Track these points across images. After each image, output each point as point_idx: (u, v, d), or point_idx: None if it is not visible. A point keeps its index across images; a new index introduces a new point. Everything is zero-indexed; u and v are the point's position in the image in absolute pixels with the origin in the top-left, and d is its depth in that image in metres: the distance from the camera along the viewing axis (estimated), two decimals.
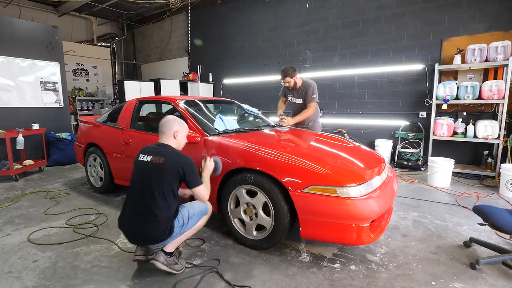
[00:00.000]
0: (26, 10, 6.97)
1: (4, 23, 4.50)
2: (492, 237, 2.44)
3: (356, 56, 5.22)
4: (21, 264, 2.05)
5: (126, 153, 3.13)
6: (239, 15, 6.65)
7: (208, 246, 2.29)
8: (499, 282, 1.84)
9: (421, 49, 4.64)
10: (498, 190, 3.63)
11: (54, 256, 2.15)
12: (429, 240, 2.38)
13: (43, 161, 4.73)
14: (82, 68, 8.36)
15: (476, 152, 4.46)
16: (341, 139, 2.96)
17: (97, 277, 1.90)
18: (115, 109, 3.63)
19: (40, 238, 2.44)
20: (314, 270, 1.97)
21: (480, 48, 3.98)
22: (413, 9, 4.63)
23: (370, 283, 1.83)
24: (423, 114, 4.71)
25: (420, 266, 2.02)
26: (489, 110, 4.25)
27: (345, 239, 1.92)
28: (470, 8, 4.23)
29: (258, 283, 1.84)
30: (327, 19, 5.44)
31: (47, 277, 1.90)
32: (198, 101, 3.16)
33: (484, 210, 2.06)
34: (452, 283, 1.83)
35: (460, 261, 2.07)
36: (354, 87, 5.32)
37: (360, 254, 2.18)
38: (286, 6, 5.90)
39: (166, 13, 7.91)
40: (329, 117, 5.62)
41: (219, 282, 1.83)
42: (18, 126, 4.44)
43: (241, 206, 2.23)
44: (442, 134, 4.31)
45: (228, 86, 7.08)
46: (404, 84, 4.85)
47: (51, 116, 5.07)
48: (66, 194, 3.57)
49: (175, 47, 8.25)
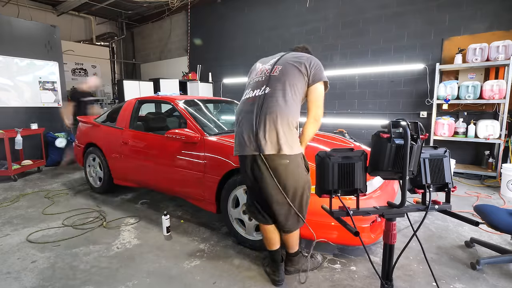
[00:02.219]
0: (25, 9, 6.94)
1: (2, 22, 4.47)
2: (493, 237, 2.43)
3: (356, 56, 5.20)
4: (19, 265, 2.03)
5: (125, 153, 3.11)
6: (239, 14, 6.63)
7: (208, 247, 2.28)
8: (500, 283, 1.82)
9: (422, 48, 4.62)
10: (499, 190, 3.62)
11: (53, 256, 2.14)
12: (430, 241, 2.37)
13: (41, 161, 4.71)
14: (81, 67, 8.33)
15: (477, 152, 4.45)
16: (341, 139, 2.95)
17: (96, 278, 1.88)
18: (114, 109, 3.61)
19: (39, 238, 2.42)
20: (314, 271, 1.96)
21: (481, 47, 3.96)
22: (413, 9, 4.62)
23: (371, 283, 1.82)
24: (424, 114, 4.70)
25: (421, 266, 2.00)
26: (490, 110, 4.24)
27: (346, 240, 1.91)
28: (471, 8, 4.22)
29: (258, 283, 1.82)
30: (328, 18, 5.42)
31: (46, 278, 1.88)
32: (197, 101, 3.15)
33: (483, 209, 2.05)
34: (453, 284, 1.82)
35: (461, 262, 2.06)
36: (354, 86, 5.31)
37: (361, 254, 2.17)
38: (286, 5, 5.88)
39: (166, 13, 7.88)
40: (330, 116, 5.60)
41: (219, 283, 1.83)
42: (17, 126, 4.43)
43: (240, 206, 2.22)
44: (443, 134, 4.30)
45: (228, 85, 7.06)
46: (404, 83, 4.84)
47: (50, 116, 5.05)
48: (65, 194, 3.55)
49: (175, 47, 8.22)
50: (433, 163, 1.30)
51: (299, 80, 1.60)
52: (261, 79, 1.66)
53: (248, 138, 1.58)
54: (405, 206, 1.27)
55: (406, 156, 1.16)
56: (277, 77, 1.61)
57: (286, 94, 1.57)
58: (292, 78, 1.59)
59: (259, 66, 1.79)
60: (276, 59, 1.71)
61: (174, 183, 2.72)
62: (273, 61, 1.71)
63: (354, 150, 1.29)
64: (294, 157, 1.58)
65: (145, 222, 2.75)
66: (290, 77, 1.59)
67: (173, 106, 2.91)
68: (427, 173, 1.29)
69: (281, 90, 1.57)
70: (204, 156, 2.43)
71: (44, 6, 7.65)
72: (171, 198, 3.35)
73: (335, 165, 1.24)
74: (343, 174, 1.25)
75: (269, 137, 1.53)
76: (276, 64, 1.65)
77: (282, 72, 1.61)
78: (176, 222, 2.75)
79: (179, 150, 2.60)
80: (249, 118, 1.60)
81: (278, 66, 1.64)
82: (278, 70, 1.62)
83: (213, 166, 2.37)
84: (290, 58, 1.68)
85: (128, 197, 3.43)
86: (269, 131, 1.54)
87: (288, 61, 1.65)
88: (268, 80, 1.62)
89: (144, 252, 2.21)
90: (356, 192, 1.28)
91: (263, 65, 1.76)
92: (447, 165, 1.31)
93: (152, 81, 6.45)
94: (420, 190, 1.31)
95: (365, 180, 1.29)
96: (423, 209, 1.30)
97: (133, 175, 3.11)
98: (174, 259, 2.11)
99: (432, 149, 1.33)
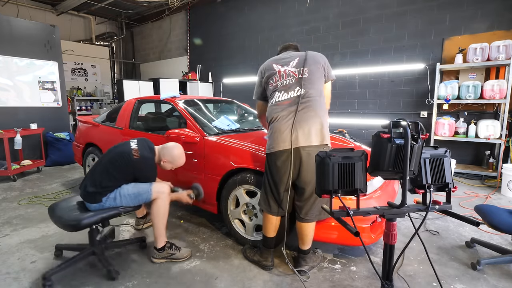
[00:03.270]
0: (24, 9, 6.94)
1: (2, 22, 4.47)
2: (494, 238, 2.42)
3: (356, 56, 5.20)
4: (19, 265, 2.03)
5: None
6: (238, 14, 6.62)
7: (207, 247, 2.27)
8: (501, 283, 1.82)
9: (422, 48, 4.61)
10: (500, 190, 3.61)
11: (53, 257, 2.13)
12: (430, 241, 2.36)
13: (41, 161, 4.70)
14: (80, 67, 8.33)
15: (478, 152, 4.44)
16: (341, 139, 2.94)
17: (95, 279, 1.88)
18: (114, 109, 3.61)
19: (38, 239, 2.41)
20: (314, 271, 1.95)
21: (481, 47, 3.95)
22: (414, 8, 4.61)
23: (371, 284, 1.82)
24: (424, 114, 4.69)
25: (422, 267, 2.00)
26: (490, 110, 4.23)
27: (346, 240, 1.91)
28: (472, 7, 4.21)
29: (259, 283, 1.82)
30: (328, 18, 5.42)
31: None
32: (197, 101, 3.14)
33: (483, 209, 2.05)
34: (454, 284, 1.81)
35: (462, 262, 2.05)
36: (354, 86, 5.30)
37: (361, 254, 2.16)
38: (287, 5, 5.87)
39: (165, 12, 7.88)
40: (330, 116, 5.57)
41: (219, 283, 1.82)
42: (16, 126, 4.42)
43: (240, 206, 2.21)
44: (444, 134, 4.30)
45: (228, 85, 7.06)
46: (405, 83, 4.83)
47: (49, 115, 5.04)
48: (68, 193, 3.55)
49: (175, 46, 8.22)
50: (433, 163, 1.29)
51: (322, 79, 1.86)
52: (292, 81, 1.84)
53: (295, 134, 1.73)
54: (405, 206, 1.26)
55: (406, 156, 1.15)
56: (308, 79, 1.81)
57: (318, 92, 1.81)
58: (319, 78, 1.85)
59: (277, 68, 1.89)
60: (298, 62, 1.86)
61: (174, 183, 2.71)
62: (295, 63, 1.87)
63: (355, 150, 1.28)
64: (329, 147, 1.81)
65: None
66: (317, 77, 1.84)
67: (173, 106, 2.90)
68: (427, 173, 1.28)
69: (314, 90, 1.80)
70: (204, 156, 2.42)
71: (43, 6, 7.65)
72: None
73: (335, 165, 1.24)
74: (343, 174, 1.25)
75: (315, 130, 1.75)
76: (304, 67, 1.84)
77: (310, 75, 1.82)
78: (176, 222, 2.74)
79: None
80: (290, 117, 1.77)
81: (305, 68, 1.84)
82: (306, 72, 1.83)
83: (213, 166, 2.36)
84: (311, 59, 1.87)
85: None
86: (314, 126, 1.74)
87: (312, 63, 1.85)
88: (300, 81, 1.81)
89: (143, 252, 2.20)
90: (357, 192, 1.27)
91: (283, 67, 1.88)
92: (447, 165, 1.30)
93: (152, 81, 6.44)
94: (420, 190, 1.30)
95: (366, 180, 1.28)
96: (423, 209, 1.29)
97: None
98: None
99: (433, 149, 1.32)
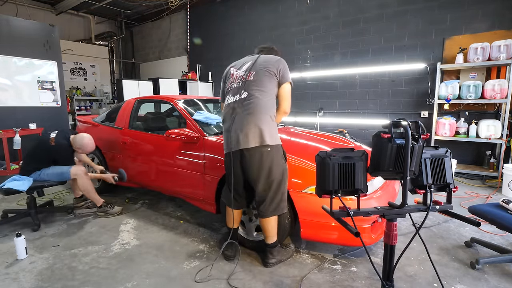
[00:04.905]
0: (23, 8, 6.92)
1: (1, 22, 4.45)
2: (495, 238, 2.41)
3: (357, 55, 5.18)
4: (18, 266, 2.02)
5: (124, 153, 3.10)
6: (238, 14, 6.61)
7: (207, 247, 2.27)
8: (502, 284, 1.81)
9: (423, 48, 4.60)
10: (501, 190, 3.60)
11: (52, 257, 2.13)
12: (431, 241, 2.35)
13: None
14: (80, 67, 8.31)
15: (479, 152, 4.43)
16: (342, 139, 2.94)
17: (95, 279, 1.87)
18: (113, 109, 3.60)
19: (37, 239, 2.41)
20: (315, 272, 1.94)
21: (482, 47, 3.94)
22: (414, 8, 4.60)
23: (372, 284, 1.81)
24: (425, 114, 4.68)
25: (422, 267, 1.99)
26: (491, 110, 4.22)
27: (346, 240, 1.90)
28: (473, 7, 4.20)
29: (259, 283, 1.81)
30: (328, 17, 5.40)
31: (44, 279, 1.87)
32: (197, 101, 3.13)
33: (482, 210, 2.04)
34: (454, 285, 1.80)
35: (463, 262, 2.04)
36: (355, 86, 5.29)
37: (361, 255, 2.15)
38: (287, 4, 5.86)
39: (165, 12, 7.86)
40: (330, 116, 5.59)
41: (219, 284, 1.81)
42: (15, 125, 4.40)
43: None
44: (444, 134, 4.28)
45: None
46: (405, 83, 4.82)
47: (48, 115, 5.01)
48: (67, 193, 3.54)
49: (174, 46, 8.20)
50: (434, 163, 1.28)
51: (270, 82, 1.89)
52: (239, 85, 1.94)
53: (236, 136, 1.84)
54: (406, 207, 1.25)
55: (407, 156, 1.14)
56: (253, 82, 1.88)
57: (262, 94, 1.86)
58: (264, 81, 1.88)
59: (233, 71, 2.04)
60: (249, 65, 1.96)
61: (174, 183, 2.71)
62: (246, 67, 1.97)
63: (355, 150, 1.27)
64: (275, 146, 1.86)
65: (145, 222, 2.74)
66: (265, 80, 1.89)
67: (173, 106, 2.90)
68: (428, 173, 1.27)
69: (260, 92, 1.86)
70: (203, 156, 2.41)
71: (42, 5, 7.63)
72: (170, 198, 3.34)
73: (336, 165, 1.23)
74: (343, 174, 1.24)
75: (253, 133, 1.81)
76: (250, 70, 1.92)
77: (256, 77, 1.89)
78: (176, 222, 2.74)
79: (179, 150, 2.59)
80: (233, 120, 1.86)
81: (251, 72, 1.91)
82: (252, 76, 1.90)
83: (212, 166, 2.36)
84: (261, 63, 1.93)
85: (128, 197, 3.41)
86: (252, 128, 1.81)
87: (260, 67, 1.91)
88: (244, 85, 1.90)
89: (143, 252, 2.20)
90: (357, 193, 1.27)
91: (237, 70, 2.01)
92: (448, 165, 1.30)
93: (151, 81, 6.42)
94: (421, 191, 1.29)
95: (366, 180, 1.28)
96: (424, 210, 1.29)
97: (132, 175, 3.09)
98: (173, 259, 2.10)
99: (433, 149, 1.31)
